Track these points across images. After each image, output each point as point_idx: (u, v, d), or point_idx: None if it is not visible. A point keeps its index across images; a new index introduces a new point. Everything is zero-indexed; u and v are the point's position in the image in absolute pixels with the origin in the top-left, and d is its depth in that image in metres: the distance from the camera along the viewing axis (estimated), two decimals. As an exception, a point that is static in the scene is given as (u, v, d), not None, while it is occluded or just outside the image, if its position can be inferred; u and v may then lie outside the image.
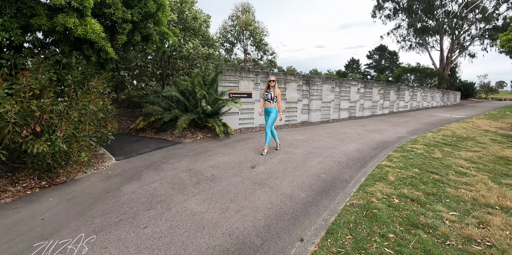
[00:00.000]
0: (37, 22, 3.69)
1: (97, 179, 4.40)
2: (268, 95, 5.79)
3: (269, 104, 5.83)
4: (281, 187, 4.01)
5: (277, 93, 5.75)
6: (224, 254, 2.45)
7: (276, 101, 5.83)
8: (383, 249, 2.51)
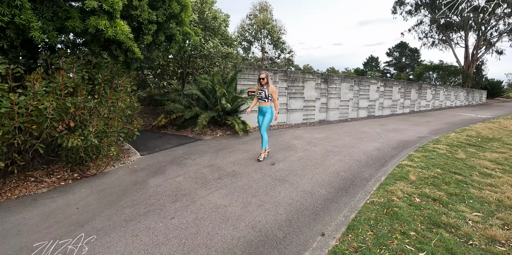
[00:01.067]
0: (71, 24, 3.93)
1: (124, 173, 4.63)
2: (262, 93, 5.27)
3: (264, 103, 5.30)
4: (301, 184, 4.11)
5: (272, 90, 5.21)
6: (248, 245, 2.58)
7: (272, 99, 5.31)
8: (404, 246, 2.57)
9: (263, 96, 5.25)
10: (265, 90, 5.21)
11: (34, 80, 3.38)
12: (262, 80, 5.17)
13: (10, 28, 3.50)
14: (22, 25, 3.45)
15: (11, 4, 3.33)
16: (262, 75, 5.18)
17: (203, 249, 2.53)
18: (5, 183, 4.02)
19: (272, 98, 5.25)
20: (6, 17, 3.30)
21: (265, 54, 16.91)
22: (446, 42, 31.33)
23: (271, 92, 5.20)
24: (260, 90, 5.28)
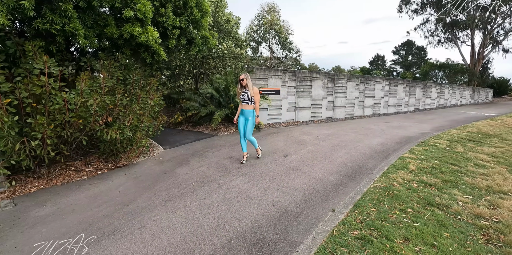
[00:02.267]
0: (109, 31, 4.50)
1: (152, 163, 5.21)
2: (244, 96, 4.97)
3: (247, 106, 5.00)
4: (312, 172, 4.65)
5: (254, 92, 4.94)
6: (272, 218, 3.13)
7: (254, 102, 5.01)
8: (401, 219, 3.09)
9: (246, 99, 4.98)
10: (247, 92, 4.94)
11: (82, 80, 3.96)
12: (242, 81, 4.91)
13: (59, 34, 4.08)
14: (70, 32, 4.02)
15: (62, 14, 3.90)
16: (241, 76, 4.94)
17: (234, 221, 3.08)
18: (50, 171, 4.61)
19: (254, 100, 4.99)
20: (58, 25, 3.87)
21: (272, 54, 17.47)
22: (452, 40, 31.58)
23: (254, 94, 4.95)
24: (242, 92, 5.01)
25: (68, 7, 3.79)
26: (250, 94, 4.93)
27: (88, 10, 4.36)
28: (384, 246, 2.56)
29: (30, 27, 3.89)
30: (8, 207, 3.64)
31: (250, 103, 4.98)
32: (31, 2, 3.44)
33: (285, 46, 16.93)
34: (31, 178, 4.42)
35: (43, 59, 3.73)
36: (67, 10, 3.81)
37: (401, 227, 2.92)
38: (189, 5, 5.71)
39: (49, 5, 3.87)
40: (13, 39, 3.92)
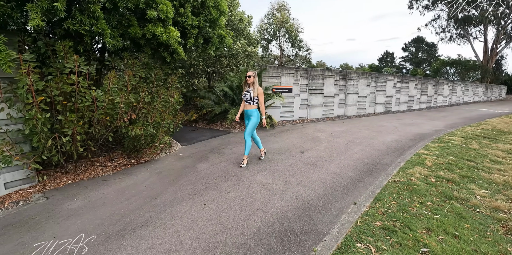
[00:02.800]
0: (133, 31, 4.70)
1: (173, 159, 5.41)
2: (247, 95, 4.84)
3: (249, 106, 4.88)
4: (330, 168, 4.79)
5: (258, 92, 4.80)
6: (296, 210, 3.29)
7: (258, 102, 4.90)
8: (422, 211, 3.23)
9: (248, 98, 4.85)
10: (251, 91, 4.81)
11: (110, 78, 4.16)
12: (249, 78, 4.77)
13: (87, 35, 4.28)
14: (97, 32, 4.22)
15: (90, 15, 4.09)
16: (249, 73, 4.78)
17: (260, 213, 3.25)
18: (77, 167, 4.84)
19: (258, 101, 4.87)
20: (86, 26, 4.06)
21: (282, 52, 17.59)
22: (464, 36, 31.25)
23: (257, 94, 4.81)
24: (246, 91, 4.89)
25: (96, 8, 3.98)
26: (253, 94, 4.78)
27: (113, 11, 4.56)
28: (408, 236, 2.71)
29: (60, 28, 4.09)
30: (41, 200, 3.86)
31: (252, 103, 4.86)
32: (63, 3, 3.63)
33: (295, 44, 17.04)
34: (59, 173, 4.65)
35: (73, 58, 3.93)
36: (95, 11, 4.00)
37: (422, 218, 3.06)
38: (206, 5, 5.88)
39: (77, 6, 4.08)
40: (43, 40, 4.14)
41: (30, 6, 3.47)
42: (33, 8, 3.47)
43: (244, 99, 4.92)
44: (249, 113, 4.92)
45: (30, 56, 3.64)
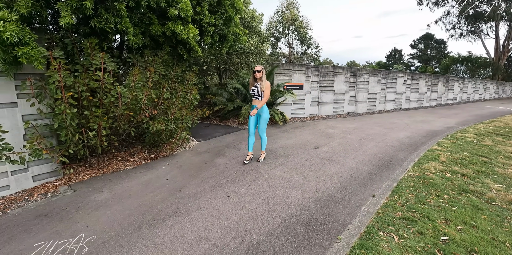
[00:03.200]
0: (154, 29, 4.87)
1: (191, 154, 5.59)
2: (255, 90, 4.74)
3: (257, 102, 4.78)
4: (346, 162, 4.93)
5: (265, 86, 4.67)
6: (317, 202, 3.44)
7: (263, 97, 4.72)
8: (439, 203, 3.36)
9: (256, 93, 4.75)
10: (258, 86, 4.70)
11: (134, 75, 4.33)
12: (258, 73, 4.64)
13: (111, 32, 4.46)
14: (122, 30, 4.40)
15: (115, 13, 4.27)
16: (257, 68, 4.65)
17: (284, 204, 3.40)
18: (99, 161, 5.03)
19: (264, 95, 4.70)
20: (111, 24, 4.24)
21: (291, 49, 17.69)
22: (475, 33, 30.97)
23: (264, 88, 4.67)
24: (254, 86, 4.79)
25: (121, 7, 4.15)
26: (261, 88, 4.67)
27: (135, 10, 4.73)
28: (428, 225, 2.84)
29: (86, 26, 4.27)
30: (68, 192, 4.06)
31: (261, 98, 4.71)
32: (91, 2, 3.80)
33: (304, 41, 17.12)
34: (83, 167, 4.86)
35: (100, 55, 4.11)
36: (120, 9, 4.17)
37: (440, 210, 3.20)
38: (222, 3, 6.03)
39: (103, 4, 4.25)
40: (70, 37, 4.32)
41: (60, 4, 3.65)
42: (64, 6, 3.65)
43: (252, 94, 4.83)
44: (258, 110, 4.81)
45: (59, 53, 3.83)
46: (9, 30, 3.10)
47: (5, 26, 3.08)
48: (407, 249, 2.49)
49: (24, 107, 3.98)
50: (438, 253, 2.42)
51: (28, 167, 4.14)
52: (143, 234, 2.87)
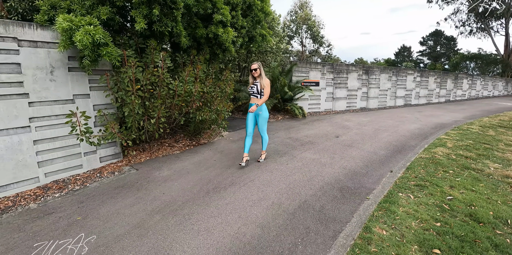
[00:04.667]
0: (199, 31, 5.74)
1: (226, 142, 6.48)
2: (253, 88, 4.64)
3: (255, 100, 4.68)
4: (365, 148, 5.79)
5: (265, 83, 4.56)
6: (346, 175, 4.32)
7: (263, 95, 4.62)
8: (446, 176, 4.21)
9: (255, 91, 4.65)
10: (257, 83, 4.60)
11: (187, 71, 5.22)
12: (254, 71, 4.55)
13: (167, 35, 5.34)
14: (176, 33, 5.28)
15: (171, 18, 5.13)
16: (253, 66, 4.54)
17: (319, 177, 4.28)
18: (150, 147, 5.93)
19: (264, 93, 4.60)
20: (169, 28, 5.11)
21: (303, 48, 18.53)
22: (485, 30, 31.49)
23: (264, 86, 4.57)
24: (253, 84, 4.69)
25: (178, 13, 5.03)
26: (260, 86, 4.57)
27: (185, 16, 5.61)
28: (436, 189, 3.71)
29: (150, 30, 5.14)
30: (132, 171, 4.95)
31: (260, 96, 4.63)
32: (158, 9, 4.67)
33: (316, 40, 17.95)
34: (138, 151, 5.77)
35: (161, 54, 5.00)
36: (177, 15, 5.05)
37: (446, 180, 4.05)
38: (253, 8, 6.89)
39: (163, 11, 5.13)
40: (135, 39, 5.22)
41: (134, 12, 4.54)
42: (137, 13, 4.54)
43: (250, 92, 4.74)
44: (258, 108, 4.71)
45: (131, 52, 4.72)
46: (98, 33, 3.99)
47: (95, 30, 3.97)
48: (421, 203, 3.36)
49: (95, 98, 4.87)
50: (445, 206, 3.29)
51: (97, 149, 5.05)
52: (212, 197, 3.75)
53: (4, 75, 3.79)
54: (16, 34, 3.86)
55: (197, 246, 2.65)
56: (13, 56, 3.87)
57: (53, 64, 4.27)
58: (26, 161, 4.11)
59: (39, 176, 4.28)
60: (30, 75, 4.02)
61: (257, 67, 4.53)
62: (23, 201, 3.81)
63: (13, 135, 3.95)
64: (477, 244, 2.58)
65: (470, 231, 2.76)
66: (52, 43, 4.22)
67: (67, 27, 3.77)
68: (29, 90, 4.04)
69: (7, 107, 3.85)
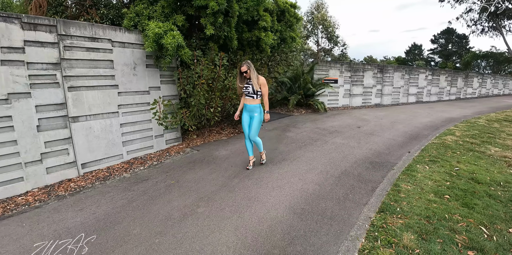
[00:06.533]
0: (245, 35, 6.92)
1: (264, 131, 7.66)
2: (248, 88, 4.42)
3: (251, 101, 4.49)
4: (385, 136, 6.96)
5: (260, 82, 4.38)
6: (372, 154, 5.49)
7: (262, 95, 4.50)
8: (453, 155, 5.37)
9: (250, 92, 4.43)
10: (251, 83, 4.37)
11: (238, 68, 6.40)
12: (245, 74, 4.34)
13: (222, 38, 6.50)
14: (229, 37, 6.44)
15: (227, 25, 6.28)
16: (243, 68, 4.32)
17: (351, 155, 5.45)
18: (202, 133, 7.13)
19: (262, 93, 4.45)
20: (225, 32, 6.26)
21: (319, 47, 19.68)
22: (497, 29, 32.24)
23: (259, 85, 4.38)
24: (247, 84, 4.47)
25: (234, 21, 6.19)
26: (255, 86, 4.34)
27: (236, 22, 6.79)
28: (446, 163, 4.87)
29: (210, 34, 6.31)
30: (194, 151, 6.14)
31: (256, 97, 4.45)
32: (222, 18, 5.82)
33: (331, 40, 19.11)
34: (193, 136, 6.97)
35: (220, 54, 6.19)
36: (232, 22, 6.22)
37: (454, 158, 5.21)
38: (285, 14, 8.06)
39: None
40: (196, 42, 6.41)
41: (203, 20, 5.71)
42: (206, 21, 5.69)
43: (245, 93, 4.52)
44: (251, 109, 4.54)
45: (200, 53, 5.91)
46: (180, 38, 5.16)
47: (178, 35, 5.13)
48: (434, 171, 4.53)
49: (164, 90, 6.05)
50: (453, 173, 4.45)
51: (164, 133, 6.25)
52: (272, 168, 4.91)
53: (102, 69, 4.99)
54: (110, 36, 5.05)
55: (276, 196, 3.83)
56: (108, 54, 5.06)
57: (136, 61, 5.47)
58: (114, 141, 5.32)
59: (123, 154, 5.49)
60: (119, 70, 5.22)
61: (247, 68, 4.28)
62: (116, 172, 5.02)
63: (107, 118, 5.16)
64: (475, 194, 3.74)
65: (471, 187, 3.93)
66: (135, 44, 5.43)
67: (158, 32, 4.95)
68: (119, 82, 5.24)
69: (103, 96, 5.05)
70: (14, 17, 3.96)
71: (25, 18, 4.04)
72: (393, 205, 3.44)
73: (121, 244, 2.80)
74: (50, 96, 4.35)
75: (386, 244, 2.68)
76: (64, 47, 4.44)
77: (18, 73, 4.00)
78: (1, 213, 3.61)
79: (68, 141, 4.63)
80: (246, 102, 4.56)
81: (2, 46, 3.83)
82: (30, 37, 4.09)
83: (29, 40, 4.08)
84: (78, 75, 4.65)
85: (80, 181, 4.59)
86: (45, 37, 4.22)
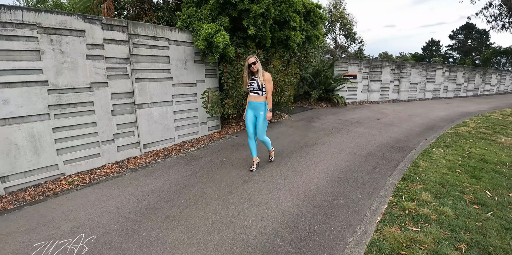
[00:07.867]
0: (277, 35, 7.78)
1: (291, 122, 8.53)
2: (253, 84, 4.26)
3: (256, 98, 4.34)
4: (403, 126, 7.76)
5: (265, 78, 4.24)
6: (393, 141, 6.31)
7: (266, 92, 4.32)
8: (466, 142, 6.14)
9: (255, 88, 4.26)
10: (257, 79, 4.23)
11: (274, 65, 7.28)
12: (253, 65, 4.15)
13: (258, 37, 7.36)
14: (265, 36, 7.30)
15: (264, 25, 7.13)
16: (251, 59, 4.14)
17: (374, 141, 6.28)
18: (238, 122, 8.02)
19: (266, 89, 4.29)
20: (262, 32, 7.11)
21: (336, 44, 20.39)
22: (517, 25, 32.22)
23: (264, 81, 4.24)
24: (251, 79, 4.32)
25: (270, 22, 7.05)
26: (260, 81, 4.21)
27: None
28: (459, 148, 5.67)
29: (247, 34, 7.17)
30: (234, 137, 7.03)
31: (262, 93, 4.30)
32: (261, 19, 6.67)
33: (349, 37, 19.80)
34: (230, 125, 7.89)
35: (258, 52, 7.06)
36: (267, 23, 7.08)
37: (467, 144, 6.00)
38: (311, 14, 8.88)
39: (254, 21, 7.17)
40: (236, 40, 7.29)
41: (245, 21, 6.57)
42: (248, 23, 6.56)
43: (249, 89, 4.36)
44: (256, 107, 4.39)
45: (242, 50, 6.80)
46: (227, 37, 6.03)
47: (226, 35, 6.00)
48: (448, 153, 5.34)
49: (208, 82, 6.97)
50: (465, 155, 5.25)
51: (207, 121, 7.16)
52: (306, 149, 5.78)
53: (161, 64, 5.92)
54: (167, 35, 5.98)
55: (315, 169, 4.70)
56: (165, 51, 5.99)
57: (186, 57, 6.39)
58: (168, 126, 6.27)
59: (174, 137, 6.44)
60: (174, 65, 6.16)
61: (255, 60, 4.14)
62: (172, 152, 5.96)
63: (163, 106, 6.10)
64: (483, 170, 4.56)
65: (480, 165, 4.74)
66: (187, 42, 6.34)
67: (211, 32, 5.84)
68: (173, 75, 6.18)
69: (161, 87, 5.99)
70: (96, 19, 4.92)
71: (104, 20, 4.99)
72: (413, 175, 4.30)
73: (202, 200, 3.73)
74: (121, 85, 5.31)
75: (409, 199, 3.55)
76: (133, 45, 5.39)
77: (99, 65, 4.95)
78: (89, 180, 4.60)
79: (134, 125, 5.59)
80: (250, 99, 4.39)
81: (87, 43, 4.79)
82: (108, 36, 5.04)
83: (107, 38, 5.03)
84: (143, 69, 5.60)
85: (144, 158, 5.56)
86: (119, 36, 5.18)
